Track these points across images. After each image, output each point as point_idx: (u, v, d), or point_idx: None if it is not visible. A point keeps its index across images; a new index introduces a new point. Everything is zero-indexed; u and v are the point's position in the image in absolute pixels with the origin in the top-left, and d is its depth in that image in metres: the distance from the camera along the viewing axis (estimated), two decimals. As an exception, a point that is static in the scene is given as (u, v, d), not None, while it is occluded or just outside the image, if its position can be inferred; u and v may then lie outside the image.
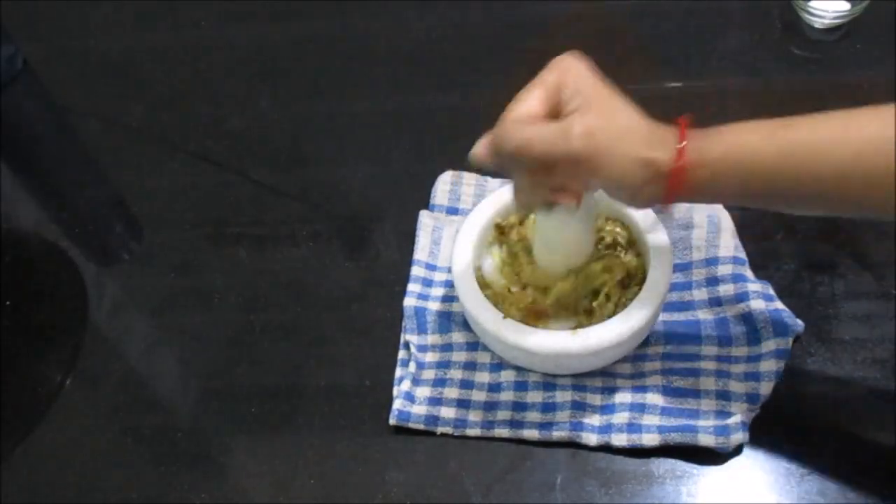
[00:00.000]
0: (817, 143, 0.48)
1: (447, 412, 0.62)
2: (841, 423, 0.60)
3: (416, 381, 0.64)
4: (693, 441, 0.58)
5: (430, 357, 0.65)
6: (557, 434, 0.60)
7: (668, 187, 0.51)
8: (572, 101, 0.51)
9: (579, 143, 0.49)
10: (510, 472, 0.60)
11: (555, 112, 0.52)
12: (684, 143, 0.50)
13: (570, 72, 0.52)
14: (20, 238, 0.82)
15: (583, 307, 0.63)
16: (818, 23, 0.84)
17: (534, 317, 0.62)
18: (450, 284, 0.68)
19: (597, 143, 0.50)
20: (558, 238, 0.62)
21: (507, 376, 0.64)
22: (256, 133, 0.87)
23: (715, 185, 0.50)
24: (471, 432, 0.62)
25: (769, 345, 0.61)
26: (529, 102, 0.52)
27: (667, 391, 0.61)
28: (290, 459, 0.63)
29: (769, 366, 0.60)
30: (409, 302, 0.68)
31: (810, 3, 0.83)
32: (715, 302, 0.65)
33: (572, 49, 0.53)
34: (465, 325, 0.66)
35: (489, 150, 0.53)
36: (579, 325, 0.61)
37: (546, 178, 0.53)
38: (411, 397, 0.63)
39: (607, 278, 0.63)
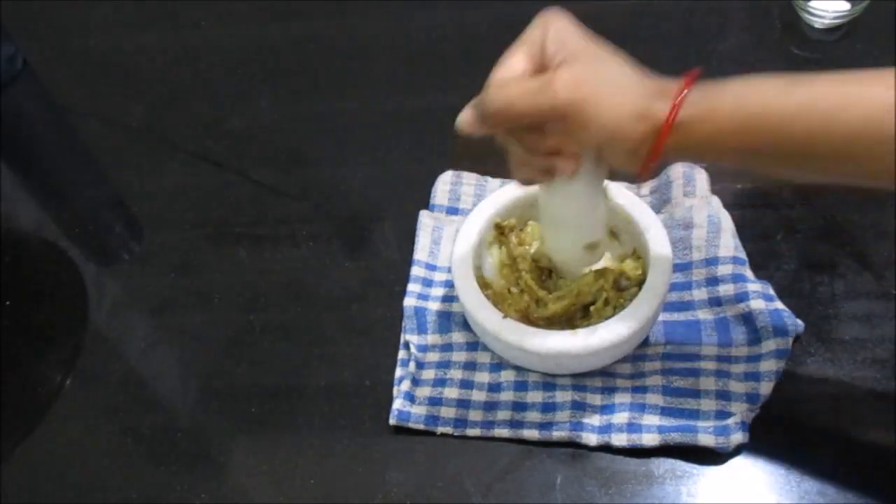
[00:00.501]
0: (831, 101, 0.46)
1: (447, 412, 0.62)
2: (841, 423, 0.60)
3: (416, 381, 0.64)
4: (693, 441, 0.58)
5: (430, 357, 0.65)
6: (557, 434, 0.60)
7: (658, 139, 0.48)
8: (557, 56, 0.49)
9: (564, 94, 0.47)
10: (510, 472, 0.60)
11: (541, 70, 0.50)
12: (684, 91, 0.47)
13: (553, 27, 0.50)
14: (20, 238, 0.82)
15: (576, 321, 0.63)
16: (818, 23, 0.84)
17: (527, 322, 0.62)
18: (450, 284, 0.68)
19: (583, 94, 0.47)
20: (565, 213, 0.59)
21: (507, 376, 0.64)
22: (256, 133, 0.87)
23: (721, 140, 0.48)
24: (471, 432, 0.62)
25: (769, 345, 0.61)
26: (513, 62, 0.50)
27: (667, 391, 0.61)
28: (290, 459, 0.63)
29: (769, 366, 0.60)
30: (409, 302, 0.68)
31: (810, 3, 0.83)
32: (715, 302, 0.65)
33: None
34: (465, 325, 0.66)
35: (474, 115, 0.51)
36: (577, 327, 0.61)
37: (539, 142, 0.51)
38: (411, 397, 0.63)
39: (602, 283, 0.63)
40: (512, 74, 0.50)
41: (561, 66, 0.48)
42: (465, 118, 0.51)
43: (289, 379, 0.68)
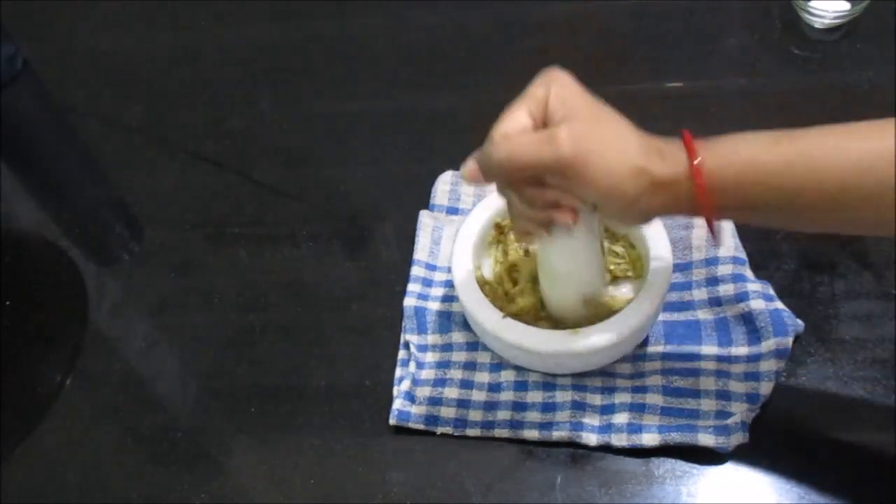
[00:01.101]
0: (820, 153, 0.47)
1: (447, 412, 0.62)
2: (841, 422, 0.60)
3: (416, 381, 0.64)
4: (693, 441, 0.58)
5: (430, 357, 0.65)
6: (557, 434, 0.60)
7: (700, 205, 0.49)
8: (558, 112, 0.50)
9: (566, 148, 0.48)
10: (510, 472, 0.60)
11: (542, 126, 0.51)
12: (698, 158, 0.48)
13: (555, 84, 0.51)
14: (20, 238, 0.82)
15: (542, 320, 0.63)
16: (818, 23, 0.84)
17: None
18: (450, 284, 0.68)
19: (585, 149, 0.48)
20: (563, 265, 0.60)
21: (507, 376, 0.64)
22: (256, 133, 0.87)
23: (716, 196, 0.49)
24: (471, 432, 0.62)
25: (769, 345, 0.61)
26: (516, 117, 0.51)
27: (667, 391, 0.61)
28: (290, 459, 0.63)
29: (769, 366, 0.60)
30: (409, 302, 0.68)
31: (810, 3, 0.83)
32: (715, 302, 0.65)
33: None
34: (465, 325, 0.66)
35: (477, 166, 0.52)
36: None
37: (538, 194, 0.52)
38: (411, 397, 0.63)
39: None
40: (515, 128, 0.51)
41: (563, 122, 0.49)
42: (469, 169, 0.53)
43: (289, 379, 0.68)
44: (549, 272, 0.61)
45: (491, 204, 0.67)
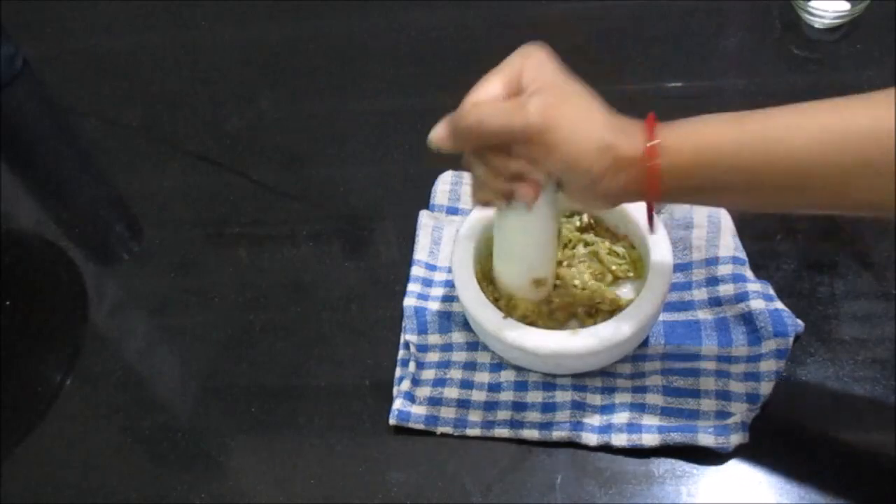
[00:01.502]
0: (773, 134, 0.47)
1: (447, 412, 0.62)
2: (841, 422, 0.60)
3: (415, 381, 0.64)
4: (693, 441, 0.58)
5: (430, 357, 0.65)
6: (557, 434, 0.60)
7: (645, 184, 0.50)
8: (532, 85, 0.51)
9: (535, 117, 0.49)
10: (510, 472, 0.60)
11: (515, 96, 0.52)
12: (656, 141, 0.49)
13: (531, 59, 0.52)
14: (20, 238, 0.82)
15: (554, 321, 0.63)
16: (818, 23, 0.84)
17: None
18: (450, 284, 0.68)
19: (553, 120, 0.49)
20: (517, 242, 0.60)
21: (507, 376, 0.64)
22: (256, 133, 0.87)
23: (675, 175, 0.49)
24: (471, 432, 0.62)
25: (769, 345, 0.61)
26: (490, 85, 0.52)
27: (667, 391, 0.61)
28: (290, 459, 0.63)
29: (769, 366, 0.60)
30: (409, 302, 0.68)
31: (810, 3, 0.83)
32: (715, 302, 0.65)
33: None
34: (465, 325, 0.66)
35: (447, 130, 0.53)
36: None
37: (503, 164, 0.53)
38: (411, 397, 0.63)
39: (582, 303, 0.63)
40: (487, 96, 0.52)
41: (535, 93, 0.50)
42: (438, 133, 0.54)
43: (289, 379, 0.68)
44: (501, 246, 0.61)
45: (491, 204, 0.67)
